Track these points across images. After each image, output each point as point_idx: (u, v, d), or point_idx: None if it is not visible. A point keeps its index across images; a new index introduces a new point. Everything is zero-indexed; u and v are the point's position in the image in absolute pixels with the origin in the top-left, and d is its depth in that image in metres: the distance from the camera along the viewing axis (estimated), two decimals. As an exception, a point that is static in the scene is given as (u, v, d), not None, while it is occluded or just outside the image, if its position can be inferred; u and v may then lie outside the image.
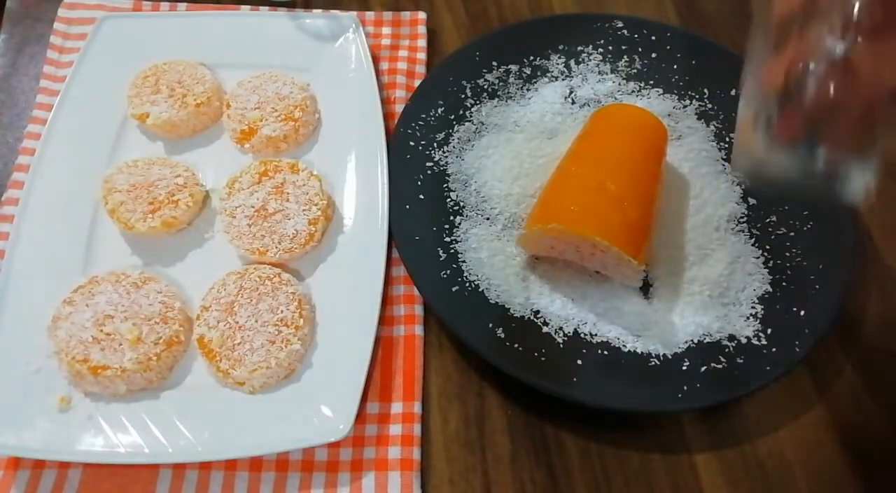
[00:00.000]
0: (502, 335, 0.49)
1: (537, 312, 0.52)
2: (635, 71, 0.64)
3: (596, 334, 0.51)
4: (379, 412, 0.49)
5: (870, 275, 0.56)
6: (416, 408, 0.49)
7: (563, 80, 0.64)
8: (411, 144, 0.58)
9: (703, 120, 0.61)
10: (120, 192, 0.53)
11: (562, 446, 0.49)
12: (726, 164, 0.59)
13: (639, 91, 0.63)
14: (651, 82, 0.64)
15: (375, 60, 0.63)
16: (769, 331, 0.50)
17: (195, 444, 0.45)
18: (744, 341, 0.50)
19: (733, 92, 0.61)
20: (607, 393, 0.47)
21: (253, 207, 0.53)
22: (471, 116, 0.61)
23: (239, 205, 0.53)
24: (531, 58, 0.64)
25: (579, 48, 0.65)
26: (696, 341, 0.51)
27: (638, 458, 0.48)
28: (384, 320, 0.52)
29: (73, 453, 0.45)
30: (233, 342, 0.48)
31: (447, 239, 0.54)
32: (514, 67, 0.64)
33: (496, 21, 0.70)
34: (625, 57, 0.65)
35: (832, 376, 0.52)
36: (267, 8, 0.67)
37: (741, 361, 0.49)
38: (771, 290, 0.53)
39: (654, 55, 0.64)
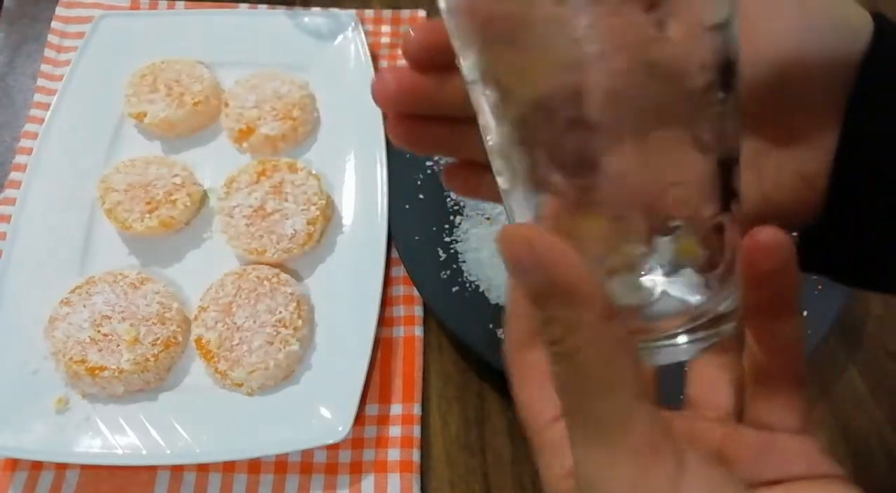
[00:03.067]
0: (503, 336, 0.49)
1: (537, 312, 0.51)
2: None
3: (596, 335, 0.51)
4: (378, 413, 0.48)
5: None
6: (416, 410, 0.48)
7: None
8: (411, 143, 0.58)
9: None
10: (117, 191, 0.53)
11: (562, 447, 0.49)
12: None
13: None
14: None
15: (375, 59, 0.62)
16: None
17: (193, 445, 0.45)
18: (745, 341, 0.50)
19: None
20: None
21: (251, 206, 0.53)
22: (470, 115, 0.61)
23: (237, 205, 0.53)
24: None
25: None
26: (697, 341, 0.50)
27: (638, 459, 0.48)
28: (383, 321, 0.52)
29: (70, 454, 0.44)
30: (231, 343, 0.47)
31: (447, 239, 0.54)
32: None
33: (496, 19, 0.70)
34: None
35: (833, 377, 0.52)
36: (265, 6, 0.66)
37: (742, 361, 0.49)
38: (772, 290, 0.52)
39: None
